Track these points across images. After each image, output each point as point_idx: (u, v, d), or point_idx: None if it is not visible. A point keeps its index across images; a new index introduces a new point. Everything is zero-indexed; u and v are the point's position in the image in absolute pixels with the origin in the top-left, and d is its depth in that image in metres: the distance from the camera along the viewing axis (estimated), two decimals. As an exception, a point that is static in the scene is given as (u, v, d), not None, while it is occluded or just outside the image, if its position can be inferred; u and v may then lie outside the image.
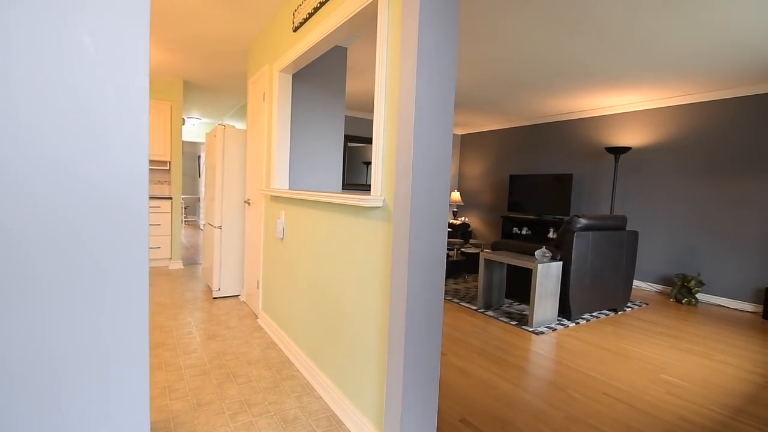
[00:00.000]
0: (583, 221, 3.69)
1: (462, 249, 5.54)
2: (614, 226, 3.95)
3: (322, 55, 3.17)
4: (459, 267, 5.27)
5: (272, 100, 2.98)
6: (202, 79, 5.10)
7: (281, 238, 2.77)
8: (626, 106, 5.34)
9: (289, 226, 2.67)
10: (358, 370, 1.85)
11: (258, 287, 3.28)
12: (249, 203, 3.62)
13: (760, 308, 4.21)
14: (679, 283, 4.60)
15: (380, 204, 1.63)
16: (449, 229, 6.82)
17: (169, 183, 5.65)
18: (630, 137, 5.36)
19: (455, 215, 7.69)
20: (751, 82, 4.11)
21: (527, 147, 6.79)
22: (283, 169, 2.92)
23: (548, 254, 3.53)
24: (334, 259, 2.06)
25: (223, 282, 3.86)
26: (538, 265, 3.37)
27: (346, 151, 6.70)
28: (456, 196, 7.68)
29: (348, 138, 6.71)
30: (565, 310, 3.68)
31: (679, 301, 4.58)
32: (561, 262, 3.57)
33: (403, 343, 1.47)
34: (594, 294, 3.79)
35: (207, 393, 2.14)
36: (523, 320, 3.62)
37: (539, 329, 3.38)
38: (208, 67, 4.52)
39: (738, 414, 2.17)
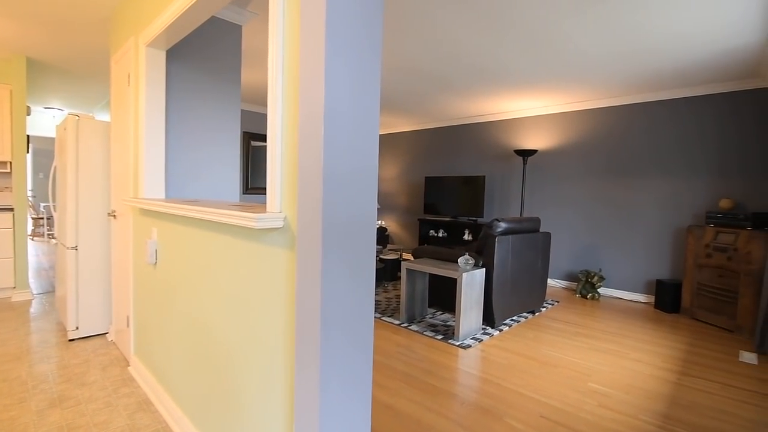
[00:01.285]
0: (503, 225, 3.60)
1: (380, 256, 5.23)
2: (531, 228, 3.95)
3: (212, 34, 2.56)
4: (378, 276, 4.95)
5: (139, 83, 2.30)
6: (55, 58, 4.04)
7: (153, 263, 2.12)
8: (533, 110, 5.52)
9: (163, 248, 2.04)
10: (257, 448, 1.36)
11: (128, 325, 2.55)
12: (114, 216, 2.83)
13: (651, 299, 4.58)
14: (584, 279, 4.84)
15: (280, 224, 1.16)
16: (366, 234, 6.48)
17: (11, 190, 4.41)
18: (536, 140, 5.56)
19: (372, 219, 7.39)
20: (638, 90, 4.43)
21: (441, 149, 6.76)
22: (156, 172, 2.27)
23: (471, 261, 3.35)
24: (220, 294, 1.53)
25: (83, 318, 2.99)
26: (463, 274, 3.17)
27: (249, 150, 5.98)
28: (372, 198, 7.38)
29: (252, 136, 6.00)
30: (488, 318, 3.55)
31: (584, 297, 4.81)
32: (484, 269, 3.42)
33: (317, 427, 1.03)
34: (514, 298, 3.73)
35: (28, 505, 1.45)
36: (448, 333, 3.39)
37: (466, 342, 3.17)
38: (59, 40, 3.54)
39: (666, 421, 2.14)
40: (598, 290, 4.79)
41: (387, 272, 5.21)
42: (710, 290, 3.91)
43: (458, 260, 3.41)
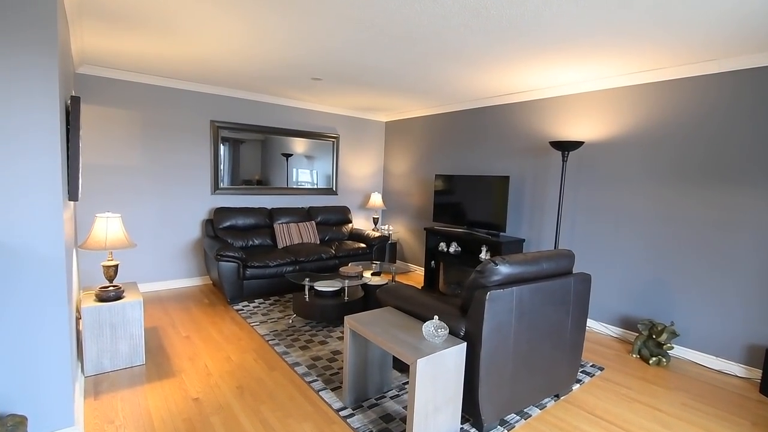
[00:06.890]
0: (503, 270, 2.24)
1: (362, 281, 4.02)
2: (555, 271, 2.53)
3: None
4: (352, 309, 3.76)
5: None
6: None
7: None
8: (578, 84, 3.94)
9: None
10: None
11: None
12: None
13: (753, 372, 2.97)
14: (646, 333, 3.31)
15: None
16: (361, 245, 5.30)
17: None
18: (582, 128, 3.99)
19: (375, 224, 6.18)
20: (743, 49, 2.76)
21: (456, 139, 5.33)
22: None
23: (443, 331, 2.06)
24: None
25: None
26: (418, 361, 1.89)
27: (219, 143, 4.97)
28: (377, 199, 6.15)
29: (221, 126, 4.98)
30: (473, 414, 2.25)
31: (645, 360, 3.29)
32: (464, 344, 2.11)
33: None
34: (520, 384, 2.37)
35: None
36: (403, 440, 2.16)
37: (421, 473, 1.92)
38: None
39: None
40: (668, 351, 3.24)
41: (369, 303, 4.01)
42: None
43: (423, 328, 2.14)
